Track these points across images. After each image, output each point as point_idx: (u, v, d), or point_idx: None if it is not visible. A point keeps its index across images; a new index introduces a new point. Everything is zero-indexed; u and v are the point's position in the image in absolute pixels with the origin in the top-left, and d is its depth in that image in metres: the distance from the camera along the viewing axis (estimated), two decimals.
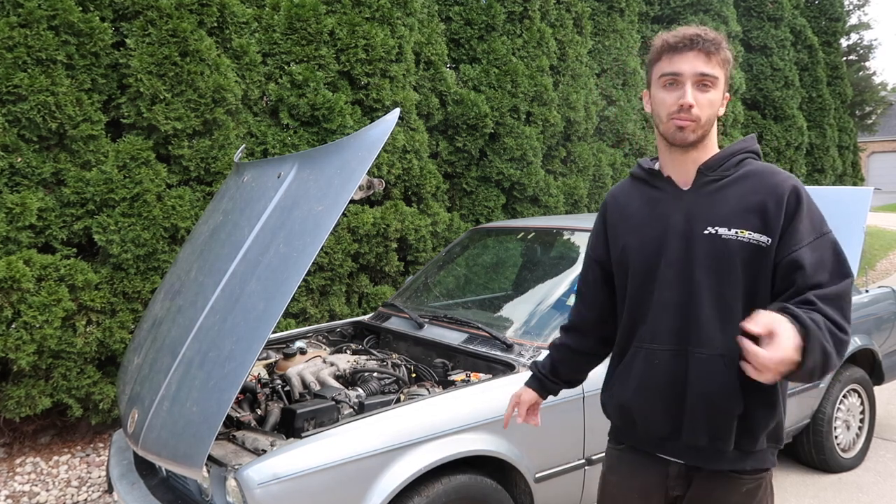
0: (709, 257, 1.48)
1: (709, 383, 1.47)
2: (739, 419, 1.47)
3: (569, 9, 6.47)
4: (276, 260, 2.10)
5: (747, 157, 1.53)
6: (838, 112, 11.81)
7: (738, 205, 1.47)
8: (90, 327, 3.74)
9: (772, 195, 1.45)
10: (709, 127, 1.49)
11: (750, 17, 9.52)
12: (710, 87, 1.46)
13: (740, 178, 1.50)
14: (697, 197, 1.51)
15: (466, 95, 5.54)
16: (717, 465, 1.52)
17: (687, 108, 1.45)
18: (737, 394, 1.45)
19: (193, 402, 2.02)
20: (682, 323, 1.50)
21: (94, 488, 3.61)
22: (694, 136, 1.48)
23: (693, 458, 1.54)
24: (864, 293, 4.06)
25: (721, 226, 1.47)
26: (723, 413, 1.47)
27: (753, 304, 1.44)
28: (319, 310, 4.63)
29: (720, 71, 1.47)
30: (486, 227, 3.98)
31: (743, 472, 1.52)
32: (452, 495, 2.26)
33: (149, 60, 3.82)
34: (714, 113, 1.49)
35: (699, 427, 1.49)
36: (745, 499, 1.53)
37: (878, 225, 15.73)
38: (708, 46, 1.45)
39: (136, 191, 3.78)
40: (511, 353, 2.67)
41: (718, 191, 1.50)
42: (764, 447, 1.52)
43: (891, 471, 3.79)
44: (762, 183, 1.47)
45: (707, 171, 1.51)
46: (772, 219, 1.43)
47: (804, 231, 1.42)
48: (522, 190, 5.85)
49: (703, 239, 1.48)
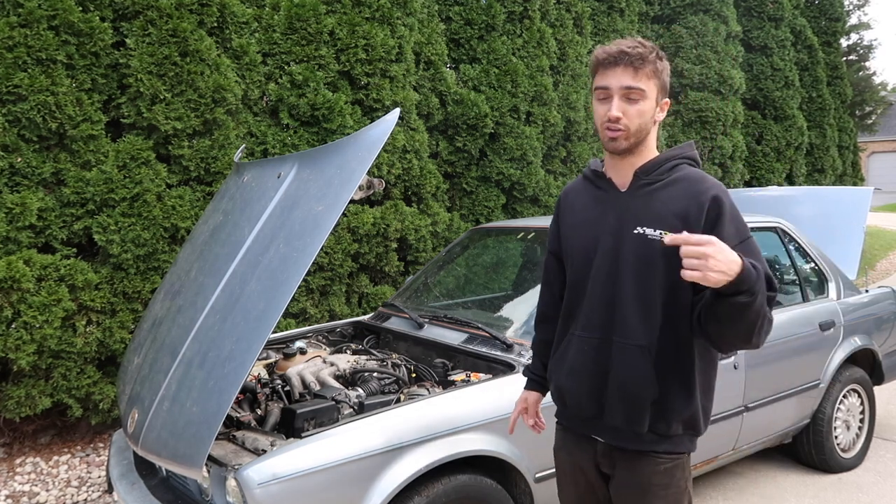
0: (635, 256, 1.61)
1: (627, 371, 1.61)
2: (654, 406, 1.61)
3: (569, 9, 6.47)
4: (276, 260, 2.10)
5: (682, 162, 1.65)
6: (838, 112, 11.81)
7: (664, 208, 1.59)
8: (90, 327, 3.74)
9: (694, 201, 1.57)
10: (641, 135, 1.61)
11: (750, 17, 9.52)
12: (637, 100, 1.58)
13: (670, 182, 1.62)
14: (632, 199, 1.64)
15: (466, 95, 5.54)
16: (635, 446, 1.66)
17: (614, 119, 1.58)
18: (652, 382, 1.60)
19: (193, 402, 2.02)
20: (609, 315, 1.64)
21: (94, 488, 3.61)
22: (626, 144, 1.60)
23: (614, 438, 1.69)
24: (864, 293, 4.05)
25: (648, 226, 1.59)
26: (638, 399, 1.61)
27: (674, 301, 1.59)
28: (319, 310, 4.63)
29: (648, 82, 1.58)
30: (486, 227, 3.98)
31: (660, 454, 1.65)
32: (452, 495, 2.26)
33: (149, 60, 3.82)
34: (645, 122, 1.60)
35: (617, 410, 1.64)
36: (663, 478, 1.65)
37: (878, 225, 15.73)
38: (633, 61, 1.56)
39: (136, 191, 3.78)
40: (511, 353, 2.67)
41: (650, 194, 1.62)
42: (680, 433, 1.65)
43: (891, 471, 3.79)
44: (688, 189, 1.59)
45: (642, 175, 1.64)
46: (692, 223, 1.54)
47: (727, 236, 1.49)
48: (522, 190, 5.85)
49: (631, 238, 1.61)
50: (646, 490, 1.65)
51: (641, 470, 1.66)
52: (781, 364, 3.36)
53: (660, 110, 1.63)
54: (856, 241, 4.34)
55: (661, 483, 1.65)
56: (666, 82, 1.63)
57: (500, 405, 2.40)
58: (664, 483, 1.65)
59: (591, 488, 1.78)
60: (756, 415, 3.24)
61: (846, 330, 3.72)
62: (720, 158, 8.49)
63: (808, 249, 3.82)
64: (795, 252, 3.77)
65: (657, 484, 1.65)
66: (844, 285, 3.89)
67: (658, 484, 1.65)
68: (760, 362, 3.22)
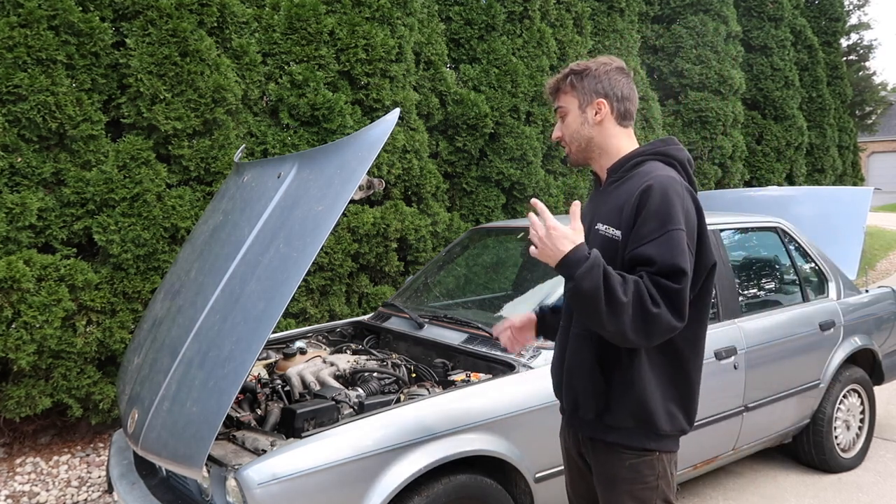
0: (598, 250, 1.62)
1: (575, 357, 1.71)
2: (598, 394, 1.67)
3: (569, 9, 6.47)
4: (276, 260, 2.10)
5: (648, 158, 1.69)
6: (838, 112, 11.81)
7: (614, 203, 1.67)
8: (90, 327, 3.74)
9: (631, 194, 1.61)
10: (581, 141, 1.74)
11: (750, 17, 9.52)
12: (565, 115, 1.75)
13: (628, 178, 1.69)
14: (601, 196, 1.75)
15: (466, 95, 5.54)
16: (597, 436, 1.72)
17: (555, 140, 1.78)
18: (592, 369, 1.67)
19: (193, 402, 2.02)
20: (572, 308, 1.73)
21: (94, 488, 3.61)
22: (577, 157, 1.78)
23: (580, 426, 1.77)
24: (864, 293, 4.05)
25: (601, 222, 1.68)
26: (581, 385, 1.69)
27: None
28: (319, 310, 4.63)
29: (567, 97, 1.74)
30: (486, 227, 3.98)
31: (624, 449, 1.68)
32: (452, 495, 2.27)
33: (149, 60, 3.82)
34: (574, 130, 1.73)
35: (568, 396, 1.74)
36: (629, 473, 1.68)
37: (878, 225, 15.73)
38: (554, 87, 1.76)
39: (136, 191, 3.78)
40: (511, 352, 2.67)
41: (612, 191, 1.71)
42: (630, 426, 1.66)
43: (891, 471, 3.79)
44: (634, 183, 1.64)
45: (611, 174, 1.74)
46: (625, 216, 1.61)
47: (647, 229, 1.55)
48: (522, 190, 5.85)
49: (594, 233, 1.69)
50: (611, 482, 1.71)
51: (608, 462, 1.71)
52: (781, 364, 3.36)
53: (593, 112, 1.71)
54: (856, 241, 4.34)
55: (626, 478, 1.68)
56: (591, 87, 1.71)
57: (499, 405, 2.40)
58: (629, 478, 1.68)
59: (581, 474, 1.87)
60: (756, 415, 3.24)
61: (846, 330, 3.72)
62: (720, 158, 8.49)
63: (808, 249, 3.82)
64: (795, 252, 3.77)
65: (622, 478, 1.69)
66: (844, 285, 3.89)
67: (624, 478, 1.68)
68: (760, 362, 3.22)
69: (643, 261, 1.53)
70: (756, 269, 3.76)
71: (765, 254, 3.83)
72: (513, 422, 2.40)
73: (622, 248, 1.59)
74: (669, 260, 1.49)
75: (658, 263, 1.50)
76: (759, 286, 3.72)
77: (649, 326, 1.48)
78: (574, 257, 1.50)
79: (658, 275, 1.49)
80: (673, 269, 1.49)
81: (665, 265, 1.49)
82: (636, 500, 1.68)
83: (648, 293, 1.47)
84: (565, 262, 1.51)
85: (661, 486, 1.69)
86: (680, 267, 1.49)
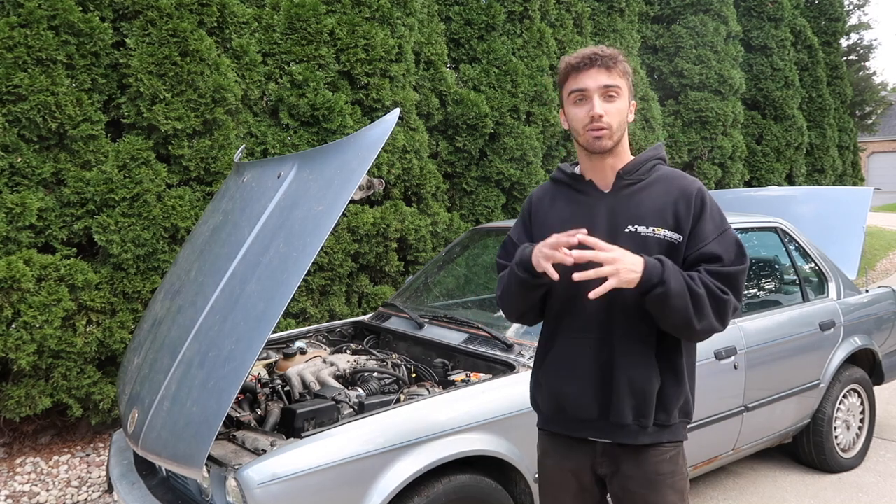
0: None
1: (634, 366, 1.65)
2: (657, 397, 1.66)
3: (569, 9, 6.47)
4: (276, 260, 2.10)
5: (657, 163, 1.74)
6: (838, 112, 11.81)
7: (653, 205, 1.67)
8: (90, 327, 3.74)
9: (683, 197, 1.66)
10: (621, 133, 1.67)
11: (750, 17, 9.52)
12: (615, 97, 1.64)
13: (653, 181, 1.70)
14: (617, 198, 1.70)
15: (466, 95, 5.54)
16: (640, 440, 1.69)
17: (598, 118, 1.62)
18: (657, 373, 1.66)
19: (193, 402, 2.02)
20: (608, 313, 1.66)
21: (94, 488, 3.61)
22: (610, 143, 1.65)
23: (618, 435, 1.70)
24: (864, 293, 4.05)
25: (640, 224, 1.65)
26: (646, 392, 1.65)
27: None
28: (319, 310, 4.63)
29: (621, 81, 1.65)
30: (486, 227, 3.98)
31: (664, 444, 1.70)
32: (452, 495, 2.27)
33: (149, 60, 3.82)
34: (623, 120, 1.67)
35: (627, 406, 1.66)
36: (669, 466, 1.71)
37: (878, 225, 15.73)
38: (606, 62, 1.63)
39: (136, 191, 3.78)
40: (511, 353, 2.67)
41: (635, 193, 1.69)
42: (677, 421, 1.71)
43: (891, 471, 3.79)
44: (672, 186, 1.68)
45: (625, 176, 1.70)
46: (682, 219, 1.64)
47: (711, 228, 1.64)
48: (522, 190, 5.85)
49: (625, 236, 1.65)
50: (654, 481, 1.69)
51: (648, 462, 1.69)
52: (781, 364, 3.36)
53: (630, 111, 1.70)
54: (856, 241, 4.34)
55: (667, 472, 1.70)
56: (632, 85, 1.71)
57: (499, 405, 2.40)
58: (670, 471, 1.70)
59: (583, 492, 1.79)
60: (756, 415, 3.24)
61: (846, 330, 3.72)
62: (720, 158, 8.49)
63: (808, 249, 3.82)
64: (795, 252, 3.77)
65: (664, 473, 1.69)
66: (844, 285, 3.89)
67: (665, 473, 1.69)
68: (760, 362, 3.22)
69: (712, 258, 1.61)
70: (756, 269, 3.76)
71: (765, 254, 3.83)
72: (513, 422, 2.40)
73: (683, 250, 1.64)
74: (734, 254, 1.62)
75: (725, 259, 1.61)
76: (759, 286, 3.72)
77: (723, 312, 1.59)
78: (651, 266, 1.53)
79: (727, 267, 1.61)
80: (740, 260, 1.62)
81: (730, 259, 1.61)
82: (677, 491, 1.71)
83: (713, 283, 1.58)
84: (647, 274, 1.52)
85: (687, 473, 1.77)
86: (745, 257, 1.63)
